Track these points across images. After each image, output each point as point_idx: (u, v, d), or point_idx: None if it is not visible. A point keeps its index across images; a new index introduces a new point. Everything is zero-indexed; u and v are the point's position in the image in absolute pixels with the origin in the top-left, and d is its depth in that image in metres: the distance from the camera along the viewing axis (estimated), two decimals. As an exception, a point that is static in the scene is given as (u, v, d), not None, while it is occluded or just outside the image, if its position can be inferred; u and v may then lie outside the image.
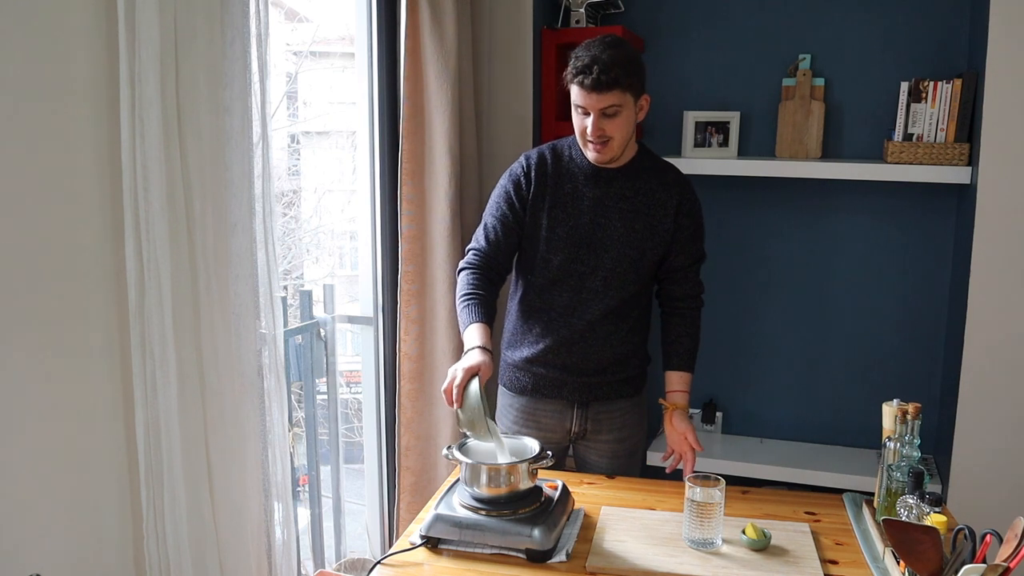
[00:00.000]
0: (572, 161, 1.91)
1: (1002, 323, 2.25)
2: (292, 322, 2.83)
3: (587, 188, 1.89)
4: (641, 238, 1.89)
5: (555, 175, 1.91)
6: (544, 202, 1.90)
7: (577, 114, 1.83)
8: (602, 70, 1.74)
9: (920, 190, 2.58)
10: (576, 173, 1.90)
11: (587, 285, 1.91)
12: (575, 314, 1.92)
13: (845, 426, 2.78)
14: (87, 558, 1.48)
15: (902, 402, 1.64)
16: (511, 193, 1.92)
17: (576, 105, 1.81)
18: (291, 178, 6.27)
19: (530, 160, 1.93)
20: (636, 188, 1.90)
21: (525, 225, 1.92)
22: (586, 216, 1.89)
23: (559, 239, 1.89)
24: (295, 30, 5.94)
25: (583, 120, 1.81)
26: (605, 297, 1.91)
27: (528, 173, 1.91)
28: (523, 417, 2.02)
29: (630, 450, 2.07)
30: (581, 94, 1.78)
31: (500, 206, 1.93)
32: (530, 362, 1.98)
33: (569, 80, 1.80)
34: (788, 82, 2.63)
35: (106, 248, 1.46)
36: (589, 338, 1.93)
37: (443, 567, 1.52)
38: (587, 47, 1.79)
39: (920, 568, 1.31)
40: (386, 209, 2.48)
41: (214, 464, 1.60)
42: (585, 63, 1.76)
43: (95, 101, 1.43)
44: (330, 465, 2.77)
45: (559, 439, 2.02)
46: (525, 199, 1.91)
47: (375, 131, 2.45)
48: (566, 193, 1.90)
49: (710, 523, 1.55)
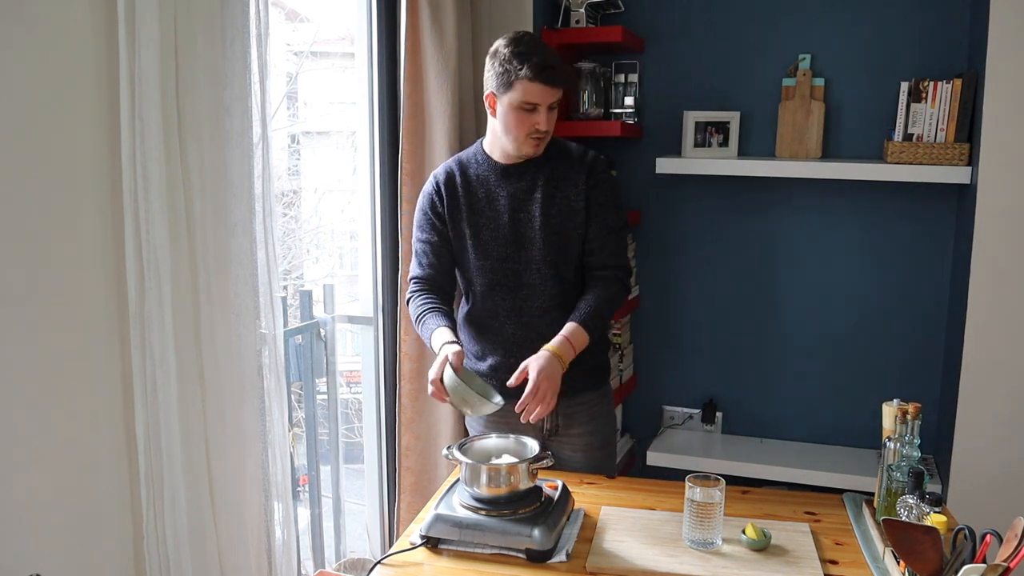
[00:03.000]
0: (480, 166, 1.95)
1: (1002, 323, 2.25)
2: (292, 322, 2.83)
3: (500, 188, 1.92)
4: (560, 222, 1.90)
5: (465, 184, 1.94)
6: (462, 213, 1.94)
7: (522, 112, 1.82)
8: (556, 65, 1.79)
9: (920, 190, 2.58)
10: (486, 176, 1.93)
11: (524, 281, 1.92)
12: (522, 313, 1.94)
13: (845, 426, 2.79)
14: (87, 558, 1.48)
15: (902, 402, 1.64)
16: (428, 214, 1.97)
17: (524, 103, 1.81)
18: (291, 178, 6.27)
19: (437, 178, 1.97)
20: (547, 175, 1.91)
21: (451, 240, 1.96)
22: (505, 215, 1.91)
23: (485, 243, 1.92)
24: (295, 30, 5.94)
25: (532, 117, 1.82)
26: (544, 289, 1.92)
27: (439, 190, 1.95)
28: (497, 421, 2.02)
29: (602, 442, 2.08)
30: (536, 90, 1.79)
31: (423, 229, 1.98)
32: (493, 369, 1.99)
33: (524, 77, 1.78)
34: (788, 82, 2.63)
35: (106, 248, 1.46)
36: (541, 329, 1.91)
37: (443, 567, 1.52)
38: (526, 44, 1.81)
39: (920, 568, 1.31)
40: (386, 209, 2.48)
41: (214, 464, 1.60)
42: (540, 60, 1.78)
43: (95, 101, 1.43)
44: (330, 465, 2.77)
45: (534, 438, 2.01)
46: (443, 215, 1.95)
47: (375, 131, 2.45)
48: (481, 198, 1.93)
49: (710, 523, 1.55)
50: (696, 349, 2.94)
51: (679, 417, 2.94)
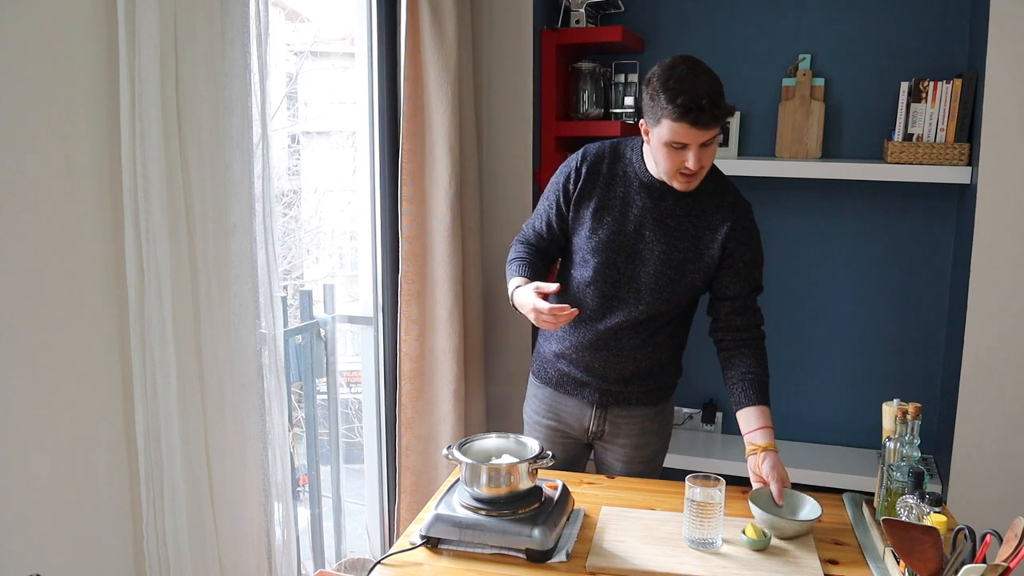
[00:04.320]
0: (631, 165, 1.84)
1: (1002, 323, 2.25)
2: (292, 322, 2.83)
3: (638, 197, 1.82)
4: (683, 259, 1.81)
5: (608, 176, 1.84)
6: (590, 202, 1.84)
7: (671, 148, 1.69)
8: (711, 104, 1.62)
9: (920, 190, 2.58)
10: (631, 178, 1.83)
11: (619, 294, 1.85)
12: (603, 319, 1.87)
13: (845, 426, 2.79)
14: (87, 558, 1.48)
15: (902, 402, 1.64)
16: (560, 186, 1.88)
17: (671, 142, 1.67)
18: (291, 178, 6.27)
19: (586, 155, 1.86)
20: (688, 207, 1.81)
21: (568, 219, 1.89)
22: (631, 225, 1.82)
23: (599, 241, 1.83)
24: (295, 30, 5.94)
25: (679, 154, 1.68)
26: (635, 310, 1.84)
27: (579, 168, 1.85)
28: (545, 408, 2.02)
29: (647, 457, 2.02)
30: (684, 131, 1.64)
31: (549, 197, 1.91)
32: (557, 356, 1.97)
33: (670, 117, 1.64)
34: (788, 82, 2.63)
35: (106, 248, 1.46)
36: (613, 346, 1.89)
37: (443, 567, 1.52)
38: (676, 76, 1.64)
39: (920, 568, 1.31)
40: (386, 209, 2.48)
41: (214, 464, 1.60)
42: (691, 99, 1.61)
43: (95, 101, 1.43)
44: (330, 465, 2.77)
45: (578, 435, 2.01)
46: (571, 194, 1.86)
47: (375, 131, 2.45)
48: (616, 197, 1.83)
49: (710, 523, 1.55)
50: (696, 349, 2.93)
51: (679, 417, 2.94)
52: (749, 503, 1.63)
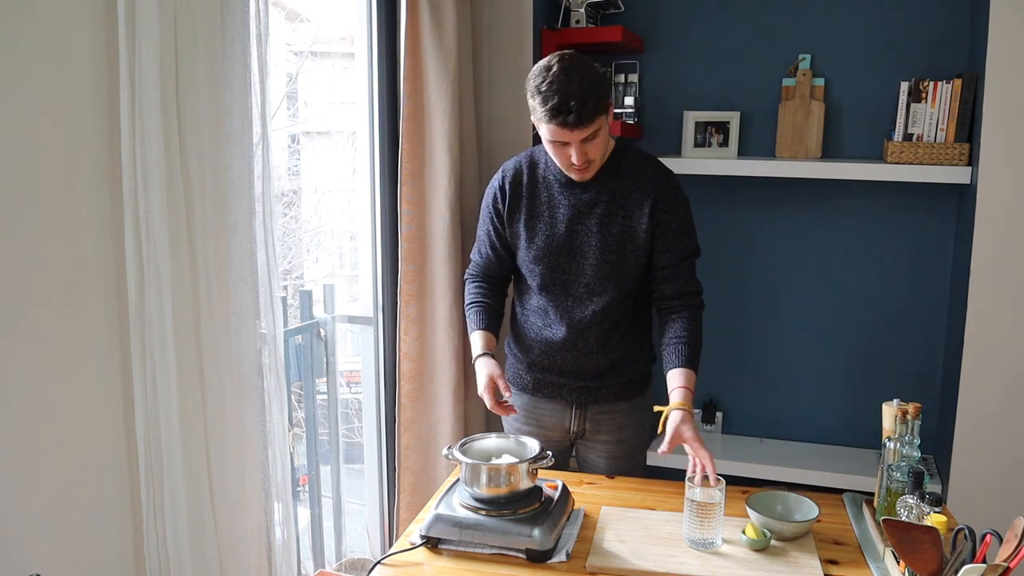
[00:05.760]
0: (548, 169, 1.89)
1: (1002, 323, 2.25)
2: (292, 322, 2.83)
3: (562, 196, 1.87)
4: (619, 241, 1.85)
5: (530, 186, 1.90)
6: (520, 214, 1.91)
7: (555, 146, 1.75)
8: (580, 106, 1.65)
9: (920, 190, 2.58)
10: (551, 181, 1.89)
11: (571, 293, 1.89)
12: (564, 321, 1.91)
13: (845, 426, 2.79)
14: (87, 558, 1.48)
15: (902, 402, 1.64)
16: (490, 208, 1.96)
17: (551, 140, 1.74)
18: (291, 178, 6.28)
19: (505, 173, 1.94)
20: (612, 190, 1.85)
21: (507, 237, 1.95)
22: (562, 225, 1.87)
23: (538, 249, 1.89)
24: (295, 30, 5.94)
25: (564, 150, 1.74)
26: (591, 304, 1.88)
27: (503, 187, 1.93)
28: (525, 414, 2.04)
29: (630, 451, 2.05)
30: (558, 131, 1.70)
31: (485, 221, 1.99)
32: (530, 364, 2.00)
33: (541, 120, 1.70)
34: (788, 82, 2.63)
35: (106, 248, 1.46)
36: (580, 344, 1.92)
37: (443, 567, 1.52)
38: (549, 78, 1.67)
39: (920, 568, 1.31)
40: (386, 209, 2.48)
41: (214, 464, 1.60)
42: (559, 101, 1.65)
43: (95, 101, 1.43)
44: (330, 465, 2.77)
45: (559, 438, 2.03)
46: (502, 214, 1.93)
47: (375, 131, 2.45)
48: (542, 203, 1.89)
49: (710, 523, 1.55)
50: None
51: (679, 417, 2.94)
52: (746, 507, 1.63)
